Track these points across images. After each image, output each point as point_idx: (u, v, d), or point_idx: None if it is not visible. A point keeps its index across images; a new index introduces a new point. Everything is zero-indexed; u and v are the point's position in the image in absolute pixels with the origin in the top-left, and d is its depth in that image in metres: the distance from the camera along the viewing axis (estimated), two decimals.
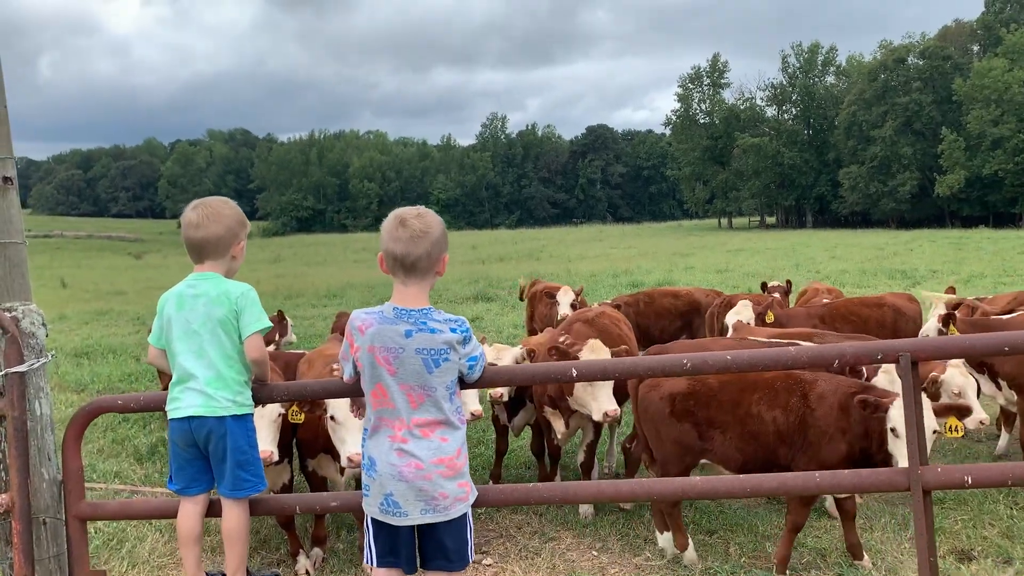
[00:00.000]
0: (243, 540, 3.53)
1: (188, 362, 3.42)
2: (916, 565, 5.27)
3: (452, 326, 3.23)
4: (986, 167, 69.11)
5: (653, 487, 2.95)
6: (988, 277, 24.08)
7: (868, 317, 8.65)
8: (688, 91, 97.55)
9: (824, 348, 2.82)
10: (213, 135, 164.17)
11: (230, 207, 3.63)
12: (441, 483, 3.14)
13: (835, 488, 2.90)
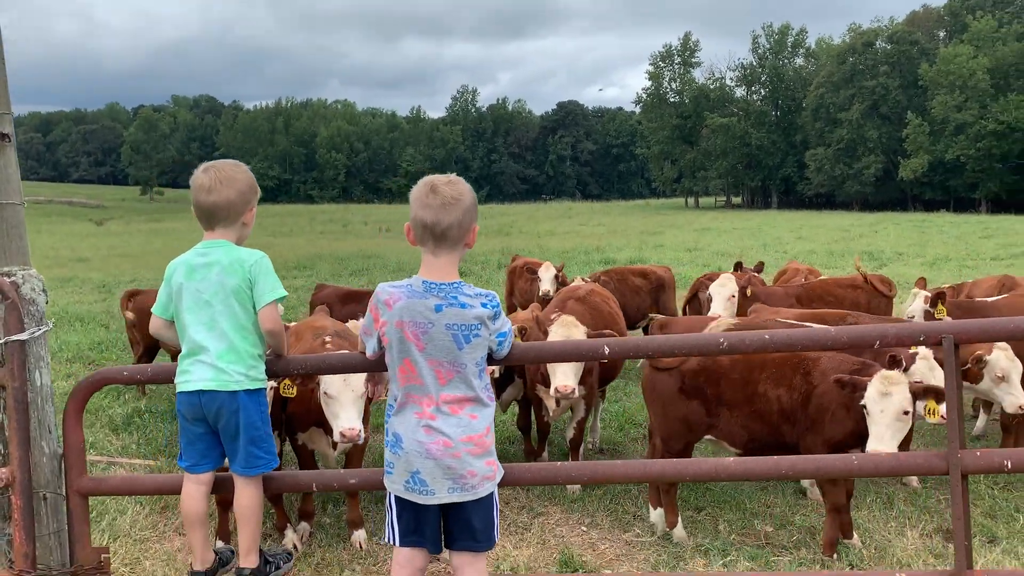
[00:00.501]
0: (256, 519, 3.42)
1: (199, 334, 3.28)
2: (903, 543, 5.38)
3: (483, 301, 3.13)
4: (949, 152, 70.20)
5: (686, 468, 2.89)
6: (953, 260, 24.49)
7: (843, 297, 8.71)
8: (659, 69, 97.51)
9: (866, 329, 2.78)
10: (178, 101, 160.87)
11: (242, 171, 3.46)
12: (470, 461, 3.06)
13: (874, 471, 2.88)
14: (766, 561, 5.17)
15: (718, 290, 8.60)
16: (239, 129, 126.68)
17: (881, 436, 4.52)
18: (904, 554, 5.19)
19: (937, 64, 71.86)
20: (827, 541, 5.21)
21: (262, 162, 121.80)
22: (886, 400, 4.50)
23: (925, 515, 5.80)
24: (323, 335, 5.67)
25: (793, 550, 5.39)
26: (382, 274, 24.22)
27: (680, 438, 5.46)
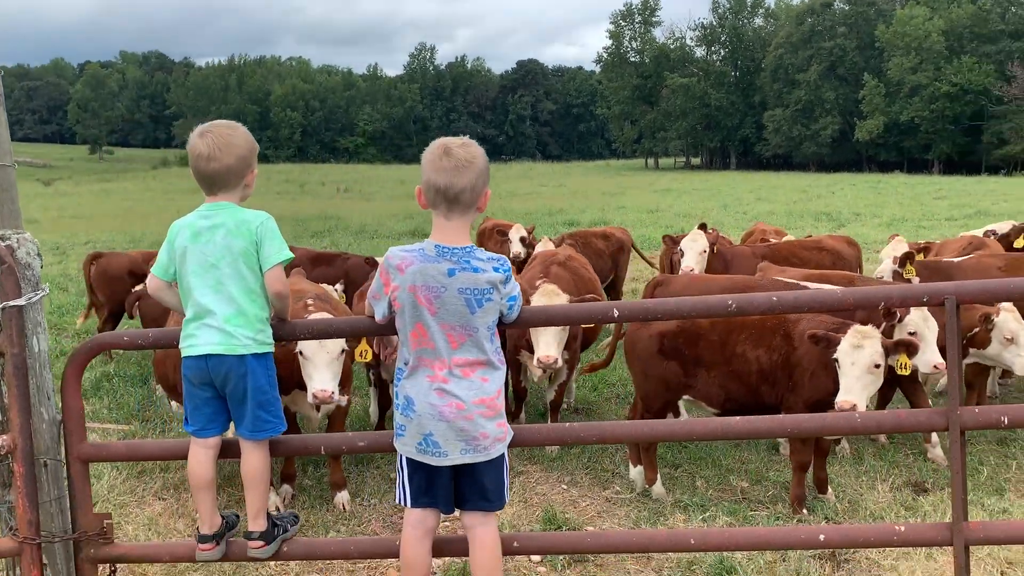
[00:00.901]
0: (264, 483, 3.41)
1: (205, 297, 3.22)
2: (874, 497, 5.55)
3: (495, 265, 3.14)
4: (903, 114, 71.25)
5: (693, 427, 2.96)
6: (909, 221, 24.97)
7: (808, 259, 8.84)
8: (620, 28, 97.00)
9: (870, 290, 2.85)
10: (126, 57, 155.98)
11: (240, 135, 3.37)
12: (482, 423, 3.09)
13: (877, 428, 2.96)
14: (744, 516, 5.30)
15: (690, 244, 8.71)
16: (191, 87, 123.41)
17: (850, 388, 4.63)
18: (876, 507, 5.36)
19: (893, 26, 72.59)
20: (794, 497, 5.36)
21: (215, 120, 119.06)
22: (857, 352, 4.61)
23: (894, 470, 5.99)
24: (304, 298, 5.63)
25: (769, 505, 5.53)
26: (344, 236, 23.99)
27: (658, 398, 5.56)
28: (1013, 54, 67.17)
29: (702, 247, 8.69)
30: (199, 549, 3.41)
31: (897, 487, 5.73)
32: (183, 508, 5.74)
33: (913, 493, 5.62)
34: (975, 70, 68.56)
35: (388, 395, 7.14)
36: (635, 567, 4.66)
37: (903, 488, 5.71)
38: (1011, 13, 71.66)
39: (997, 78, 67.01)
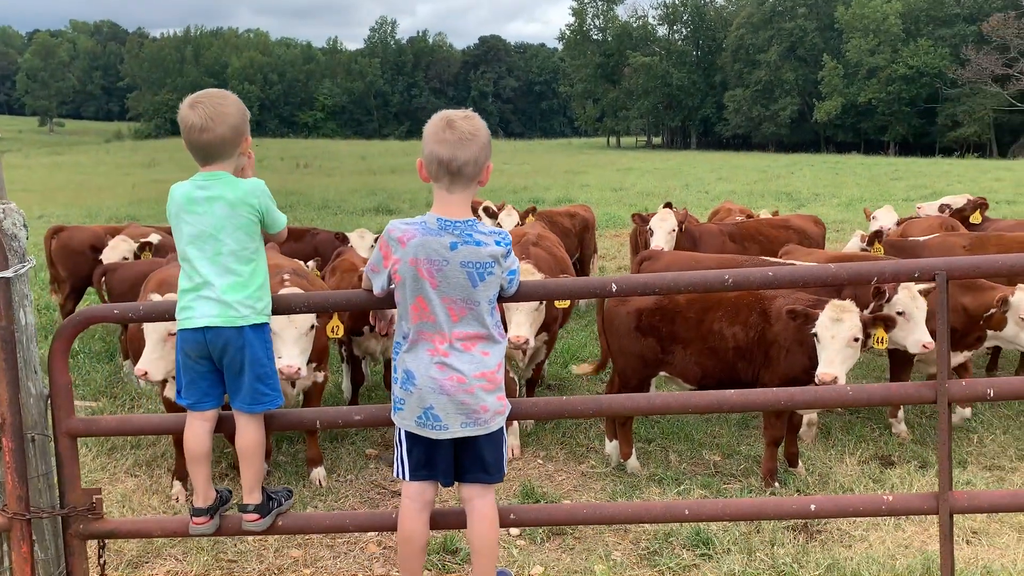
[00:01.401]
0: (260, 457, 3.39)
1: (203, 267, 3.18)
2: (843, 470, 5.69)
3: (497, 239, 3.13)
4: (861, 95, 72.18)
5: (689, 400, 3.00)
6: (867, 201, 25.32)
7: (775, 238, 8.98)
8: (583, 5, 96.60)
9: (863, 265, 2.91)
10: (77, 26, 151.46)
11: (231, 103, 3.31)
12: (483, 396, 3.10)
13: (866, 401, 3.04)
14: (718, 489, 5.42)
15: (659, 223, 8.80)
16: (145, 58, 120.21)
17: (831, 361, 4.73)
18: (845, 480, 5.51)
19: (852, 8, 73.32)
20: (766, 471, 5.48)
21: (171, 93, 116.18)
22: (837, 326, 4.71)
23: (861, 443, 6.15)
24: (280, 273, 5.57)
25: (742, 478, 5.65)
26: (306, 212, 23.70)
27: (636, 374, 5.63)
28: (967, 38, 68.29)
29: (671, 226, 8.78)
30: (193, 522, 3.39)
31: (864, 460, 5.90)
32: (156, 485, 5.70)
33: (880, 466, 5.78)
34: (931, 53, 69.66)
35: (360, 371, 7.12)
36: (613, 539, 4.74)
37: (870, 461, 5.87)
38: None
39: (952, 61, 68.15)
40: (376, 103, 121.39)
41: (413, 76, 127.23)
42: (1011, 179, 32.23)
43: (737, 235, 8.79)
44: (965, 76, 65.88)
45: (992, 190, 27.60)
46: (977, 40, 67.00)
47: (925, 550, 4.46)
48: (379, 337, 6.72)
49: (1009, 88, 64.53)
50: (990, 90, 65.31)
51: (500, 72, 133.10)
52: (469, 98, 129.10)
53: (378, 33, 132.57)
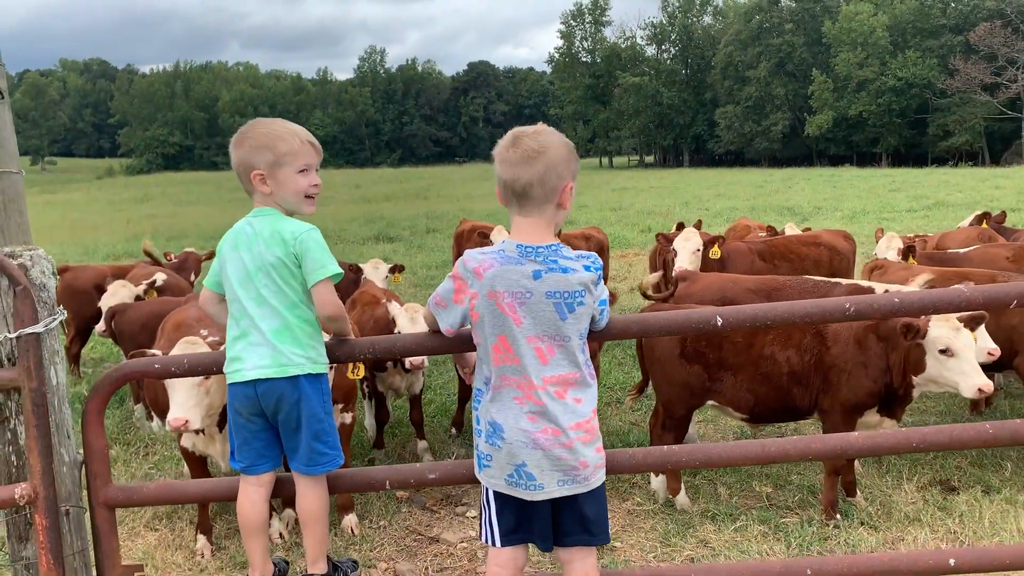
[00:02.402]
0: (323, 522, 3.05)
1: (252, 309, 2.90)
2: (904, 498, 5.38)
3: (586, 263, 2.74)
4: (852, 108, 72.48)
5: (811, 445, 2.70)
6: (871, 213, 25.22)
7: (805, 255, 8.75)
8: (571, 28, 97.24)
9: (1000, 287, 2.63)
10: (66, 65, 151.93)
11: (258, 125, 3.02)
12: (581, 450, 2.72)
13: (1009, 439, 2.73)
14: (776, 524, 5.11)
15: (683, 244, 8.53)
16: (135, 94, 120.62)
17: (977, 370, 4.41)
18: (911, 508, 5.21)
19: (839, 22, 73.80)
20: (827, 503, 5.16)
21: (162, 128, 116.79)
22: (963, 335, 4.40)
23: (917, 467, 5.84)
24: None
25: (799, 510, 5.35)
26: None
27: (682, 403, 5.33)
28: (955, 48, 68.72)
29: (695, 246, 8.52)
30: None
31: (923, 486, 5.59)
32: (179, 539, 5.37)
33: (942, 491, 5.48)
34: (919, 64, 70.05)
35: (385, 408, 6.82)
36: None
37: (930, 487, 5.57)
38: (951, 8, 73.40)
39: (940, 72, 68.51)
40: (368, 132, 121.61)
41: (403, 104, 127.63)
42: (1011, 187, 32.15)
43: (766, 253, 8.53)
44: (954, 86, 66.22)
45: (994, 198, 27.50)
46: (965, 50, 67.42)
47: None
48: (403, 373, 6.43)
49: (999, 96, 64.86)
50: (980, 99, 65.61)
51: (490, 97, 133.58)
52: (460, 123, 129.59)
53: (367, 63, 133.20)
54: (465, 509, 5.69)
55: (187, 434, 4.88)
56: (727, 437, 6.80)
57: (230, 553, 5.15)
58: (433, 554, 5.09)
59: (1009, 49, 64.24)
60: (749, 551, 4.79)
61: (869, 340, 4.74)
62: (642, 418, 7.25)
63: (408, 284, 14.84)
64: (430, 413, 7.46)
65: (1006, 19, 66.19)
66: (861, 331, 4.76)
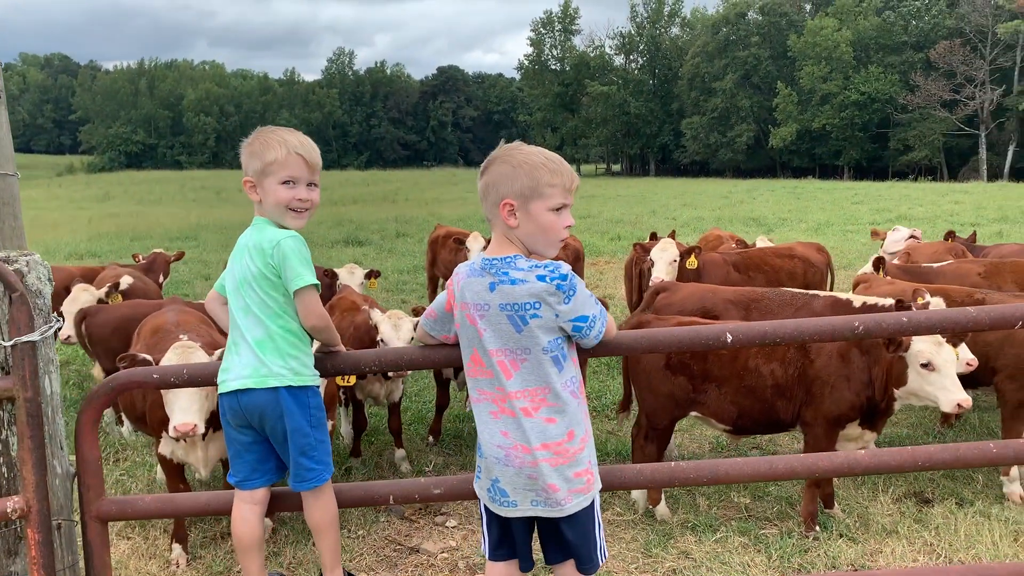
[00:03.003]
0: (334, 530, 2.98)
1: (240, 319, 2.87)
2: (880, 510, 5.44)
3: (539, 273, 2.62)
4: (815, 121, 73.59)
5: (817, 463, 2.70)
6: (835, 225, 25.61)
7: (780, 267, 8.85)
8: (540, 36, 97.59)
9: (1007, 308, 2.66)
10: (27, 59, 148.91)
11: (257, 133, 3.00)
12: (547, 473, 2.64)
13: (1013, 459, 2.78)
14: (756, 535, 5.15)
15: (660, 254, 8.58)
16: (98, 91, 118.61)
17: (956, 385, 4.46)
18: (887, 520, 5.27)
19: (804, 36, 74.89)
20: (807, 515, 5.21)
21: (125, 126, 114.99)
22: (944, 349, 4.46)
23: (892, 480, 5.92)
24: None
25: (778, 521, 5.39)
26: None
27: (666, 415, 5.35)
28: (915, 65, 70.10)
29: (672, 256, 8.58)
30: None
31: (899, 498, 5.67)
32: (152, 548, 5.26)
33: (917, 504, 5.56)
34: (881, 79, 71.34)
35: (363, 416, 6.76)
36: None
37: (905, 499, 5.65)
38: (913, 25, 74.86)
39: (901, 87, 69.85)
40: (335, 134, 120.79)
41: (372, 107, 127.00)
42: (970, 202, 32.84)
43: (741, 265, 8.61)
44: (915, 102, 67.54)
45: (954, 213, 28.11)
46: (925, 67, 68.85)
47: None
48: (383, 380, 6.38)
49: (957, 113, 66.27)
50: (939, 115, 66.97)
51: (459, 102, 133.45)
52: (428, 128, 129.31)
53: (336, 64, 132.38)
54: (444, 519, 5.65)
55: (167, 440, 4.79)
56: (703, 447, 6.85)
57: (206, 563, 5.07)
58: (413, 564, 5.05)
59: (967, 67, 65.73)
60: (731, 562, 4.82)
61: (852, 353, 4.80)
62: (619, 427, 7.26)
63: (380, 289, 14.75)
64: (405, 421, 7.41)
65: (965, 38, 67.73)
66: (844, 345, 4.82)
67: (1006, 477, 5.60)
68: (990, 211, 28.02)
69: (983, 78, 65.78)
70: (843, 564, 4.76)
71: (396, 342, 5.60)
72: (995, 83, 66.13)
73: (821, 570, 4.69)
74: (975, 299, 5.78)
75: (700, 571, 4.77)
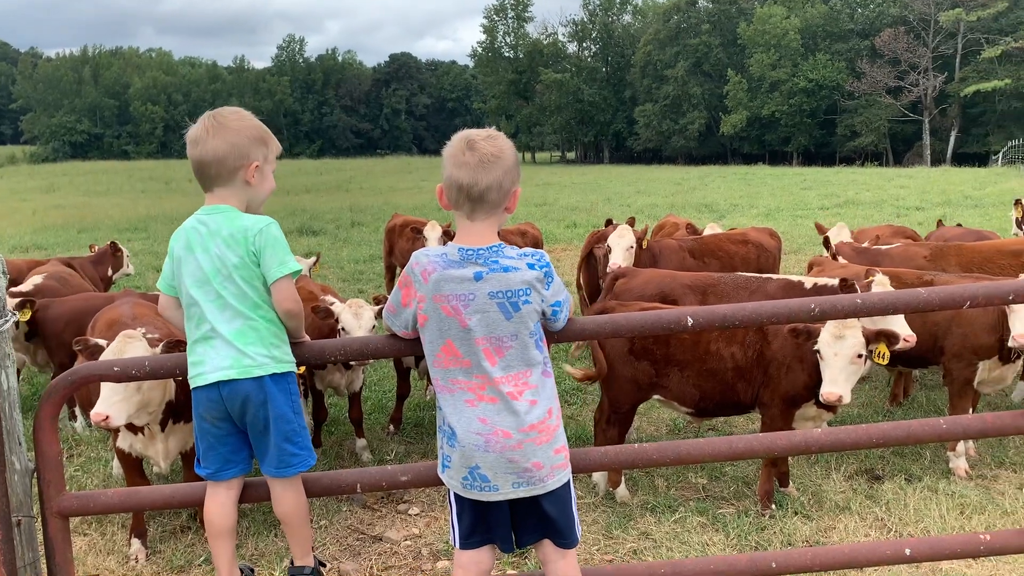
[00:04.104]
0: (305, 521, 2.99)
1: (211, 313, 2.80)
2: (834, 488, 5.59)
3: (529, 262, 2.75)
4: (765, 108, 74.57)
5: (775, 442, 2.78)
6: (784, 211, 26.03)
7: (734, 253, 8.99)
8: (493, 23, 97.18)
9: (955, 288, 2.75)
10: None
11: (239, 118, 2.90)
12: (533, 452, 2.73)
13: (962, 434, 2.89)
14: (713, 515, 5.26)
15: (617, 241, 8.63)
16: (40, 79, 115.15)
17: (835, 379, 4.61)
18: (840, 498, 5.42)
19: (754, 24, 75.77)
20: (763, 493, 5.34)
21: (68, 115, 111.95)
22: (840, 343, 4.60)
23: (844, 457, 6.08)
24: None
25: (734, 500, 5.52)
26: None
27: (628, 399, 5.43)
28: (862, 52, 71.41)
29: (629, 243, 8.64)
30: None
31: (851, 475, 5.83)
32: (110, 544, 5.20)
33: (868, 480, 5.73)
34: (828, 67, 72.53)
35: (323, 407, 6.73)
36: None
37: (857, 476, 5.81)
38: (859, 13, 76.26)
39: (848, 74, 71.11)
40: (286, 122, 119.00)
41: (323, 94, 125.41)
42: (914, 187, 33.63)
43: (697, 251, 8.73)
44: (861, 88, 68.85)
45: (899, 197, 28.74)
46: (871, 54, 70.17)
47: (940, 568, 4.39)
48: (343, 370, 6.36)
49: (901, 99, 67.75)
50: (884, 101, 68.40)
51: (412, 89, 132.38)
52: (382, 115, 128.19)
53: (286, 51, 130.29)
54: (407, 507, 5.67)
55: (125, 433, 4.72)
56: (660, 430, 6.95)
57: (166, 556, 5.02)
58: (377, 553, 5.06)
59: (911, 55, 67.17)
60: (689, 542, 4.92)
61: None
62: (579, 412, 7.34)
63: (336, 279, 14.64)
64: (366, 411, 7.39)
65: (909, 26, 69.17)
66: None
67: (952, 452, 5.79)
68: (934, 195, 28.73)
69: (926, 65, 67.32)
70: (798, 541, 4.89)
71: (358, 331, 5.58)
72: (938, 70, 67.71)
73: (777, 547, 4.81)
74: (924, 281, 5.95)
75: (660, 551, 4.87)
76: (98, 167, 75.61)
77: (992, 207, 23.44)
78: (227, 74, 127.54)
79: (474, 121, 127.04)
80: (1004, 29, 64.65)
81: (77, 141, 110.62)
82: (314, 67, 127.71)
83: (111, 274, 10.18)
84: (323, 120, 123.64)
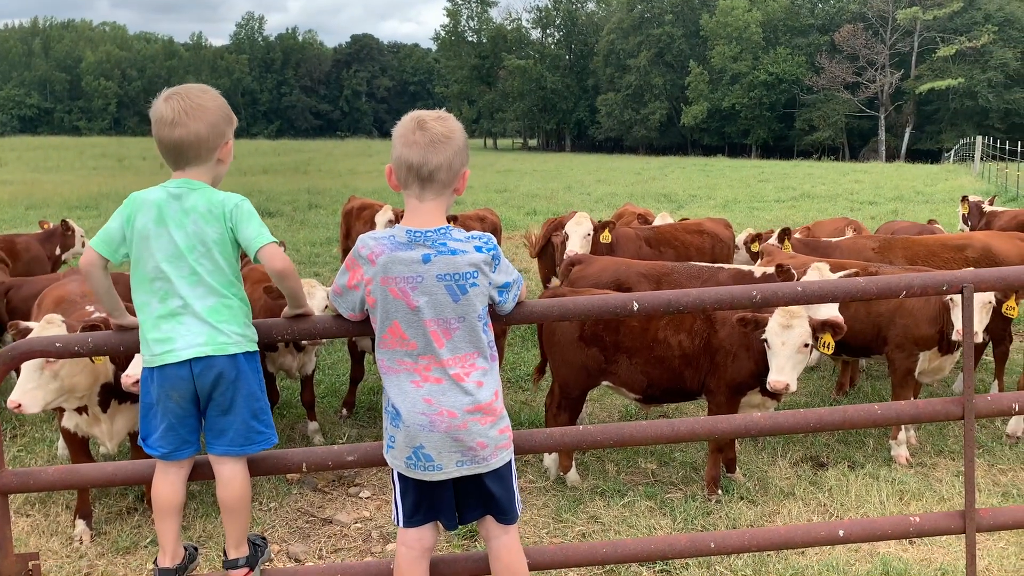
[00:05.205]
0: (248, 507, 2.97)
1: (184, 289, 2.76)
2: (778, 473, 5.72)
3: (476, 244, 2.78)
4: (725, 100, 75.32)
5: (716, 425, 2.83)
6: (742, 203, 26.36)
7: (689, 243, 9.09)
8: (457, 6, 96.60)
9: (892, 278, 2.83)
10: None
11: (212, 98, 2.88)
12: (478, 431, 2.77)
13: (895, 419, 2.97)
14: (662, 500, 5.34)
15: (575, 228, 8.67)
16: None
17: (782, 368, 4.71)
18: (785, 483, 5.54)
19: (716, 16, 76.36)
20: (710, 479, 5.43)
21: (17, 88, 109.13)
22: (787, 332, 4.69)
23: (790, 445, 6.21)
24: None
25: (683, 486, 5.61)
26: None
27: (578, 384, 5.49)
28: (821, 47, 72.43)
29: (586, 230, 8.68)
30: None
31: (796, 462, 5.96)
32: (54, 524, 5.12)
33: (812, 467, 5.86)
34: (789, 61, 73.44)
35: (275, 390, 6.67)
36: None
37: (802, 463, 5.94)
38: (819, 8, 77.27)
39: (808, 69, 72.09)
40: (244, 101, 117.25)
41: (283, 74, 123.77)
42: (869, 181, 34.26)
43: (653, 240, 8.81)
44: (820, 83, 69.85)
45: (854, 192, 29.27)
46: (830, 49, 71.18)
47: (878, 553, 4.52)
48: (295, 352, 6.32)
49: (859, 95, 68.89)
50: (842, 97, 69.48)
51: (374, 71, 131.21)
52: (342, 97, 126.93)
53: (245, 29, 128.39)
54: (358, 490, 5.67)
55: (69, 414, 4.65)
56: (612, 416, 7.03)
57: (111, 538, 4.96)
58: (327, 535, 5.06)
59: (869, 51, 68.33)
60: (637, 525, 5.00)
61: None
62: (532, 397, 7.39)
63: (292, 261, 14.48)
64: (319, 394, 7.36)
65: (867, 22, 70.29)
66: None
67: (894, 441, 5.95)
68: (887, 190, 29.30)
69: (883, 62, 68.52)
70: (743, 524, 4.99)
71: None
72: (894, 67, 68.98)
73: (722, 530, 4.90)
74: (869, 272, 6.09)
75: (608, 534, 4.94)
76: (48, 143, 73.71)
77: (942, 203, 23.97)
78: (184, 51, 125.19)
79: (436, 105, 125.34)
80: (959, 29, 66.05)
81: (26, 115, 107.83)
82: (273, 46, 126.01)
83: (59, 253, 9.97)
84: (282, 100, 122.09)
